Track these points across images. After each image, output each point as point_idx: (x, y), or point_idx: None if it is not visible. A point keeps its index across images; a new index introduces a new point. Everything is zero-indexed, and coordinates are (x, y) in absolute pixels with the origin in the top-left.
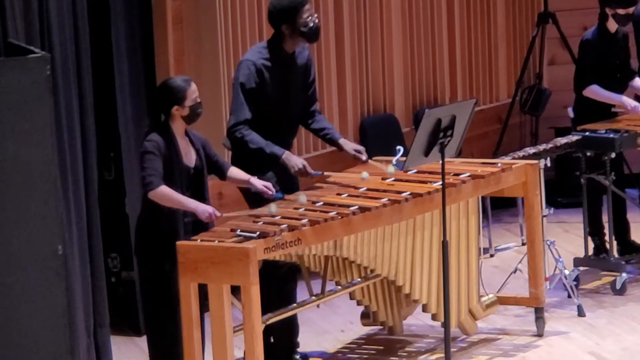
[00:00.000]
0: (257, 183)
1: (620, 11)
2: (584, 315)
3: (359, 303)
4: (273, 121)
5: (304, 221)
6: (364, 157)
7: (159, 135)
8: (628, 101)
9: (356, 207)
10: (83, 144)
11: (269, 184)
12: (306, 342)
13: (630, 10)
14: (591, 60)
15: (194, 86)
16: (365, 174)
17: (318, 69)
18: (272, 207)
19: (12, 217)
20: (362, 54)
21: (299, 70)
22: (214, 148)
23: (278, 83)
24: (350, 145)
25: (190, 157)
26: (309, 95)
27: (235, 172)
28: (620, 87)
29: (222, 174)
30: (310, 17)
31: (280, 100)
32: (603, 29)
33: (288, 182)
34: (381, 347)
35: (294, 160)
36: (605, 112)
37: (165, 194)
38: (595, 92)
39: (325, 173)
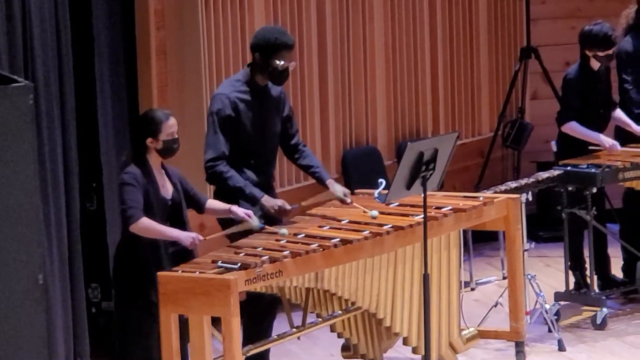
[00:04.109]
0: (239, 211)
1: (600, 53)
2: (565, 350)
3: (339, 335)
4: (250, 153)
5: (286, 253)
6: (348, 200)
7: (136, 167)
8: (605, 140)
9: (338, 239)
10: (65, 173)
11: (250, 212)
12: None
13: (610, 51)
14: (573, 97)
15: (172, 121)
16: (375, 212)
17: (301, 101)
18: (283, 230)
19: None
20: (345, 87)
21: (273, 102)
22: (197, 181)
23: (253, 115)
24: (337, 187)
25: (167, 190)
26: (287, 128)
27: (213, 203)
28: (603, 121)
29: (199, 207)
30: (286, 62)
31: (256, 131)
32: (585, 67)
33: (273, 217)
34: None
35: (272, 201)
36: (588, 145)
37: (147, 225)
38: (574, 129)
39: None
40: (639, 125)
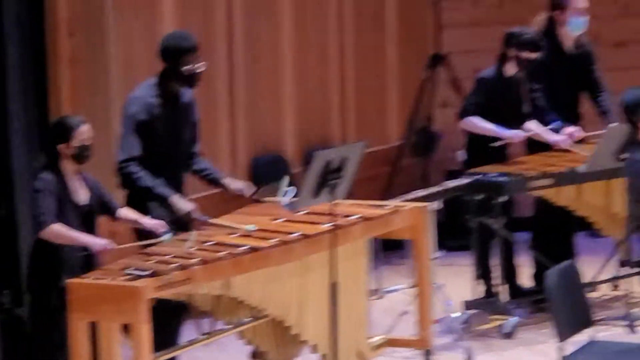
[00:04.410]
0: (147, 222)
1: (525, 54)
2: (473, 358)
3: (248, 343)
4: (164, 157)
5: (195, 260)
6: (248, 192)
7: (50, 173)
8: (508, 131)
9: (246, 247)
10: None
11: (160, 223)
12: None
13: (534, 55)
14: (480, 95)
15: (84, 128)
16: (252, 227)
17: (210, 109)
18: (192, 235)
19: None
20: (253, 94)
21: (185, 108)
22: (107, 187)
23: (167, 120)
24: (233, 185)
25: (81, 196)
26: (193, 135)
27: (125, 212)
28: (511, 128)
29: (112, 214)
30: (193, 65)
31: (169, 136)
32: (500, 71)
33: (181, 221)
34: None
35: (182, 204)
36: (497, 154)
37: (58, 231)
38: (474, 123)
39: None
40: (550, 133)
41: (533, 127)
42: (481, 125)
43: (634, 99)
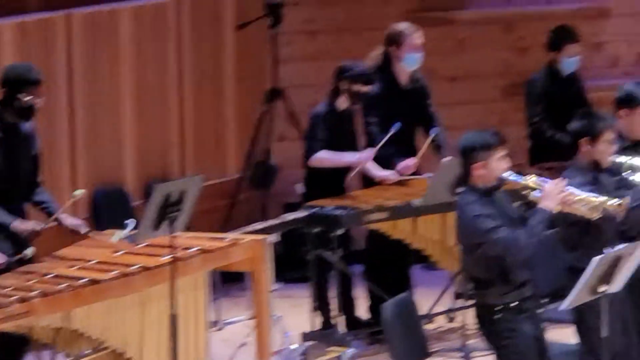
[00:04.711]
0: None
1: (356, 88)
2: None
3: None
4: (3, 188)
5: (35, 293)
6: (83, 229)
7: None
8: (357, 155)
9: (86, 279)
10: None
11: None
12: None
13: (366, 89)
14: (320, 130)
15: None
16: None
17: (50, 141)
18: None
19: None
20: (94, 128)
21: (24, 139)
22: None
23: (3, 151)
24: (68, 220)
25: None
26: (34, 167)
27: None
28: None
29: None
30: (33, 98)
31: (9, 167)
32: (332, 106)
33: (22, 243)
34: None
35: (23, 225)
36: (335, 187)
37: None
38: (323, 157)
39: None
40: (377, 168)
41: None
42: (330, 158)
43: (467, 143)
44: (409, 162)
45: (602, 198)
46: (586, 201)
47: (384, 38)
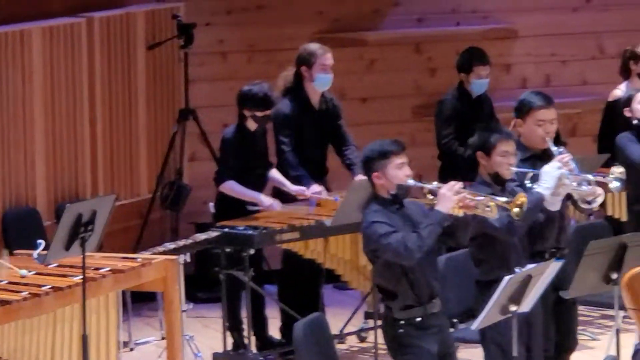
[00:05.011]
0: None
1: (259, 113)
2: None
3: None
4: None
5: None
6: None
7: None
8: (264, 198)
9: None
10: None
11: None
12: None
13: (268, 112)
14: (231, 157)
15: None
16: (25, 272)
17: None
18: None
19: None
20: (4, 146)
21: None
22: None
23: None
24: None
25: None
26: None
27: None
28: (261, 182)
29: None
30: None
31: None
32: (243, 127)
33: None
34: None
35: None
36: (246, 208)
37: None
38: (232, 188)
39: None
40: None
41: (276, 175)
42: (238, 190)
43: (365, 153)
44: (317, 188)
45: (501, 199)
46: (485, 202)
47: (295, 59)
